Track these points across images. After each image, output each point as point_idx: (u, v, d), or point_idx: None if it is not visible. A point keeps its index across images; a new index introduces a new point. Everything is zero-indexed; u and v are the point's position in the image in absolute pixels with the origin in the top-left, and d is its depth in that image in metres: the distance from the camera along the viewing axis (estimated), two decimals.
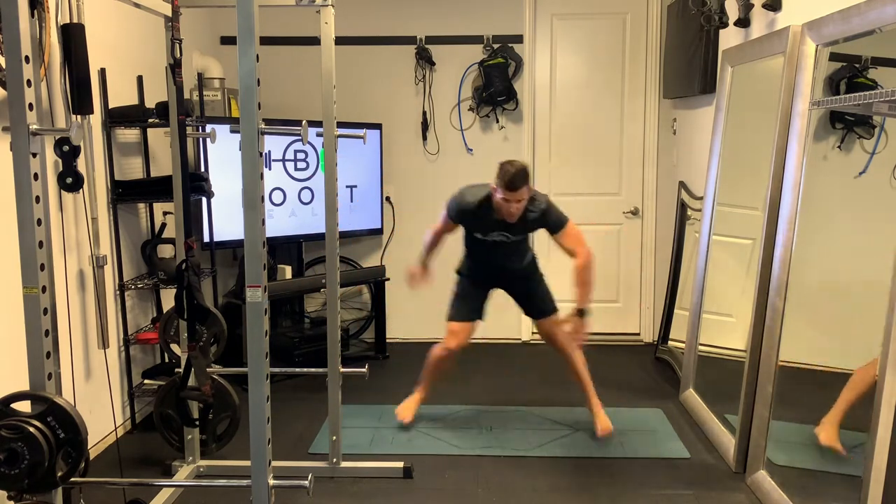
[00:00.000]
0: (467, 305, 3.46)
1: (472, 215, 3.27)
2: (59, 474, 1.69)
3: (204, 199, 3.79)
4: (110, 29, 3.37)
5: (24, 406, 1.69)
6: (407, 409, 3.58)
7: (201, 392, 2.39)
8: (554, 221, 3.24)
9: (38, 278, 1.66)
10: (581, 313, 3.22)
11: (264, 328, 1.90)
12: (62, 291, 2.95)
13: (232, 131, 1.84)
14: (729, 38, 3.64)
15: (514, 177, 3.04)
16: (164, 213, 3.63)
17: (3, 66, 2.11)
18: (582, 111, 4.91)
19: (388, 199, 4.92)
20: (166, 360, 3.67)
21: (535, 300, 3.51)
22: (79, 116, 2.96)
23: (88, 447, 2.04)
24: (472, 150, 4.88)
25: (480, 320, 3.51)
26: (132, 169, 3.57)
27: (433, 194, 4.96)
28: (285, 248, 4.53)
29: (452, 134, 4.88)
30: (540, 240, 4.96)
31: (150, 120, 3.36)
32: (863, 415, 2.21)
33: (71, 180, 1.72)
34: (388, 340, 4.71)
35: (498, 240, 3.30)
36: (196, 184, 3.49)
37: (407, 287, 3.63)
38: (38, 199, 1.64)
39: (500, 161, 3.15)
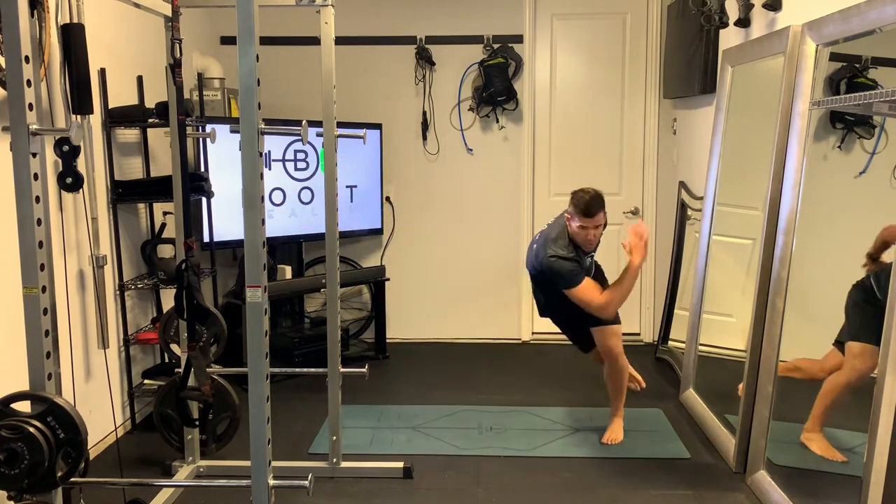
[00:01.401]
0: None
1: (576, 258, 3.17)
2: (59, 474, 1.69)
3: (204, 199, 3.79)
4: (110, 29, 3.37)
5: (24, 406, 1.69)
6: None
7: (201, 392, 2.40)
8: None
9: (38, 278, 1.66)
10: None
11: (264, 328, 1.90)
12: (62, 291, 2.95)
13: (232, 131, 1.84)
14: (729, 38, 3.64)
15: (590, 203, 3.06)
16: (164, 213, 3.63)
17: (3, 66, 2.11)
18: (582, 111, 4.91)
19: (388, 199, 4.92)
20: (166, 360, 3.67)
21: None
22: (79, 116, 2.96)
23: (88, 447, 2.04)
24: (472, 150, 4.88)
25: None
26: (132, 169, 3.57)
27: (433, 194, 4.97)
28: (285, 248, 4.53)
29: (452, 134, 4.88)
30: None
31: (150, 120, 3.36)
32: (863, 415, 2.21)
33: (71, 180, 1.72)
34: (388, 340, 4.71)
35: (588, 264, 3.32)
36: (196, 184, 3.49)
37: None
38: (38, 199, 1.64)
39: (573, 190, 3.16)
